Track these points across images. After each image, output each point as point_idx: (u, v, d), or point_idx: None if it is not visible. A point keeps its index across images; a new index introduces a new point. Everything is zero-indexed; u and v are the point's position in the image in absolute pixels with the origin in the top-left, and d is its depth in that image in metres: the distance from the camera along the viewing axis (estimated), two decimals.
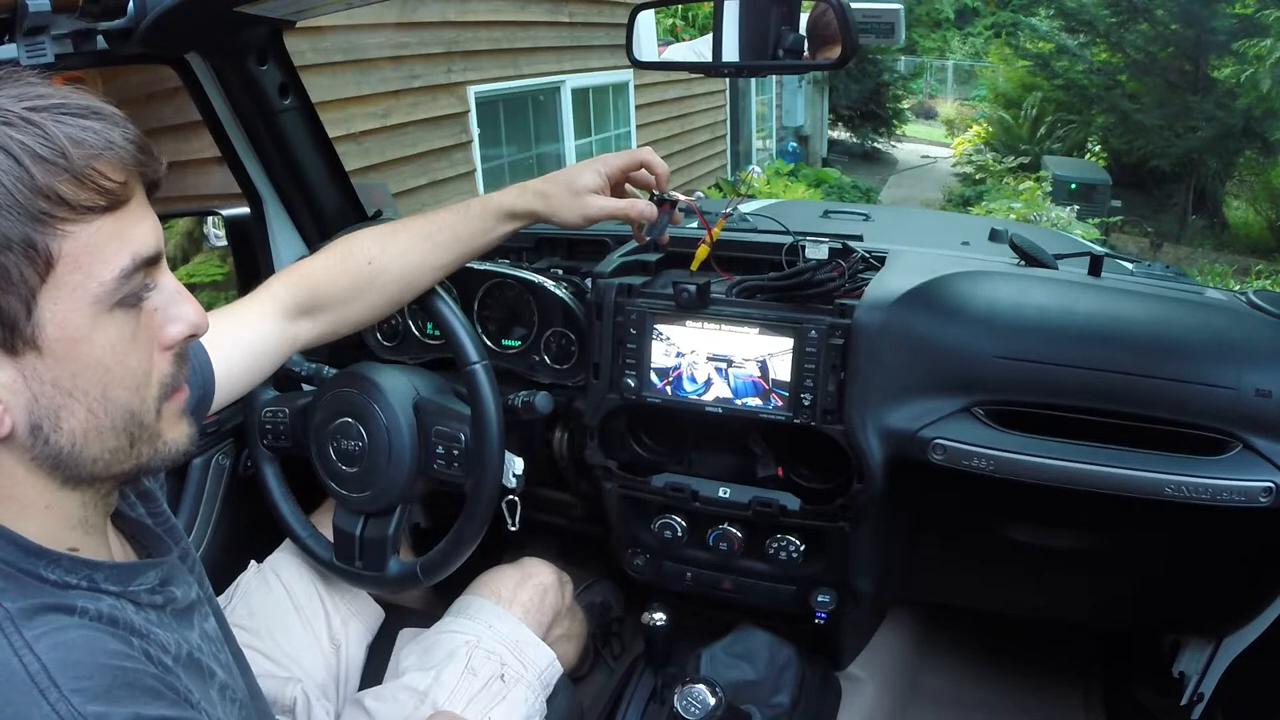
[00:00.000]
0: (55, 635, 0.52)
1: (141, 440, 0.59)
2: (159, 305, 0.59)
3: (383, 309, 1.04)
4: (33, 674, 0.49)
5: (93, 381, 0.55)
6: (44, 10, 0.86)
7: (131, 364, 0.57)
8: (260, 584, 1.18)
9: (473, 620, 1.13)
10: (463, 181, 4.78)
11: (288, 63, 1.25)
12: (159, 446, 0.60)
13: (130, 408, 0.57)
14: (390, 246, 1.02)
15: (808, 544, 1.15)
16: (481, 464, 1.06)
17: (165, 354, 0.60)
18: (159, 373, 0.59)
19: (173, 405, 0.61)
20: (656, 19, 1.17)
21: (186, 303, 0.60)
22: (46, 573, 0.55)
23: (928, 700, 1.53)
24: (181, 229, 2.07)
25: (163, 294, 0.59)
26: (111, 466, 0.58)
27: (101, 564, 0.59)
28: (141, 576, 0.62)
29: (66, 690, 0.49)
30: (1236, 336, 1.03)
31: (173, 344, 0.60)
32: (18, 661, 0.50)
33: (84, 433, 0.55)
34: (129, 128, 0.56)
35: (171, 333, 0.59)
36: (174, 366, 0.60)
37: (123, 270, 0.54)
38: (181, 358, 0.61)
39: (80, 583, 0.57)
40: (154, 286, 0.58)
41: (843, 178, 10.35)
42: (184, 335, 0.60)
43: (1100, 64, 11.52)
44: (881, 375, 1.04)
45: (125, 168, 0.55)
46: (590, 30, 5.98)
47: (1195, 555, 1.18)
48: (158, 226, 0.58)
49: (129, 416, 0.57)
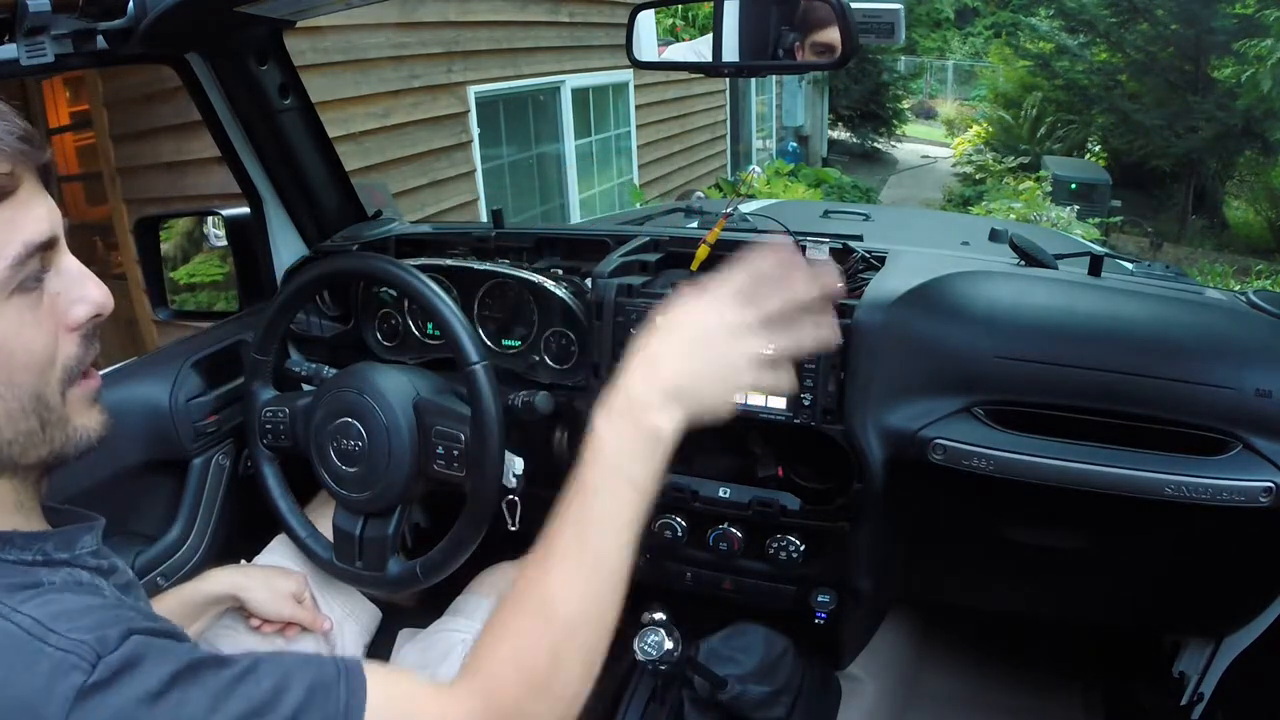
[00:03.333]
0: (36, 599, 0.54)
1: (50, 424, 0.60)
2: (61, 289, 0.60)
3: None
4: (27, 629, 0.51)
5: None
6: (44, 10, 0.86)
7: (35, 347, 0.58)
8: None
9: (470, 619, 1.14)
10: (463, 181, 4.77)
11: (288, 63, 1.25)
12: (69, 432, 0.62)
13: (35, 390, 0.58)
14: None
15: (808, 544, 1.15)
16: (481, 464, 1.06)
17: (71, 335, 0.61)
18: (64, 355, 0.60)
19: (80, 391, 0.62)
20: (656, 19, 1.17)
21: (89, 283, 0.61)
22: (4, 554, 0.57)
23: (928, 700, 1.53)
24: (181, 229, 2.07)
25: (64, 277, 0.60)
26: (28, 450, 0.59)
27: (48, 533, 0.62)
28: (81, 540, 0.64)
29: (63, 631, 0.52)
30: (1236, 336, 1.03)
31: (77, 325, 0.61)
32: (10, 624, 0.51)
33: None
34: (14, 121, 0.57)
35: (76, 314, 0.61)
36: (80, 348, 0.62)
37: (15, 258, 0.56)
38: (88, 339, 0.62)
39: (36, 557, 0.59)
40: (52, 269, 0.59)
41: (843, 178, 10.34)
42: (88, 316, 0.61)
43: (1100, 64, 11.53)
44: (881, 375, 1.04)
45: (9, 158, 0.56)
46: (590, 30, 5.98)
47: (1195, 555, 1.18)
48: (53, 211, 0.59)
49: (35, 399, 0.58)
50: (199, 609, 1.04)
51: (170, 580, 1.19)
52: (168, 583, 1.19)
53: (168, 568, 1.20)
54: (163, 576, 1.19)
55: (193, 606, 1.03)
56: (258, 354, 1.21)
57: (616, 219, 2.26)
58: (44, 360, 0.59)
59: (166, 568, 1.20)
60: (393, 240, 1.40)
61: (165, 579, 1.19)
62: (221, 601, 1.06)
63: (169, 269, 1.62)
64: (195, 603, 1.04)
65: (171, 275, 1.70)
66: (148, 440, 1.19)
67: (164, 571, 1.20)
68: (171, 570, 1.21)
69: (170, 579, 1.20)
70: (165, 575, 1.20)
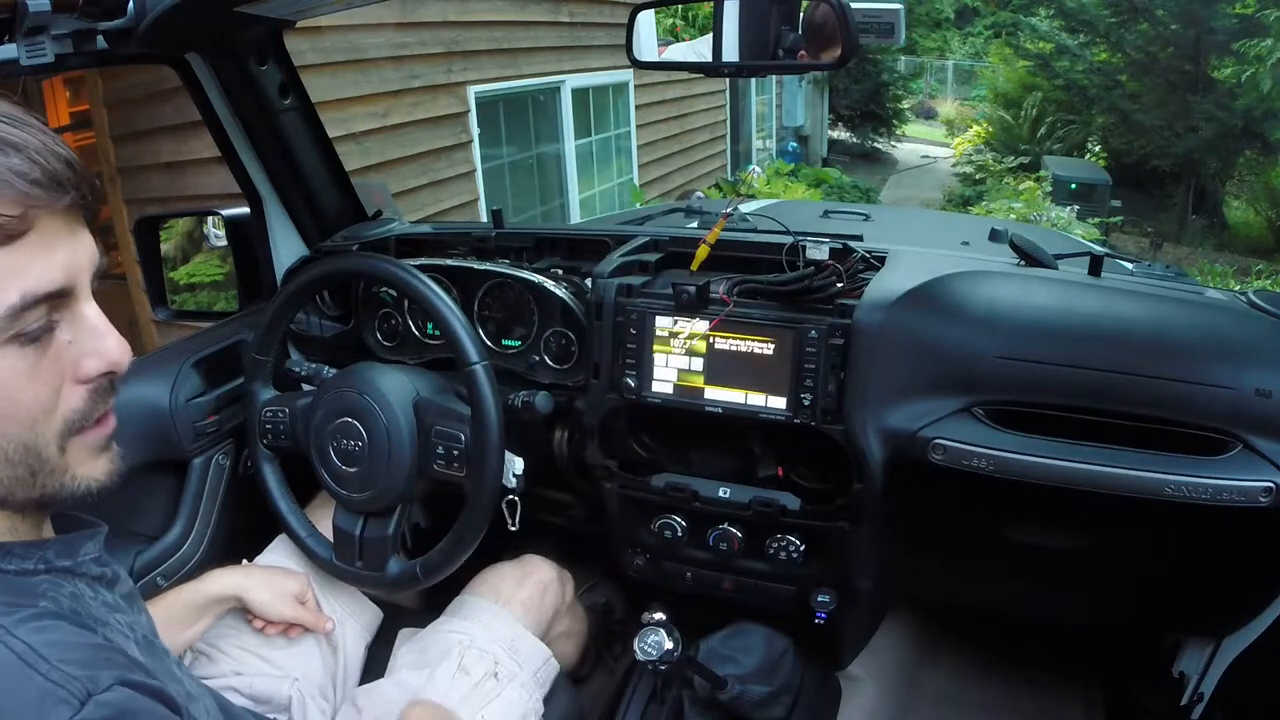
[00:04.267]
0: (31, 623, 0.53)
1: (43, 473, 0.57)
2: (74, 338, 0.56)
3: None
4: (19, 654, 0.50)
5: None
6: (44, 10, 0.86)
7: (24, 399, 0.54)
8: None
9: (468, 620, 1.14)
10: (463, 181, 4.77)
11: (288, 63, 1.25)
12: (65, 481, 0.58)
13: (24, 441, 0.55)
14: None
15: (808, 544, 1.15)
16: (481, 464, 1.06)
17: (77, 388, 0.57)
18: (65, 407, 0.57)
19: (85, 440, 0.59)
20: (656, 19, 1.17)
21: (107, 336, 0.58)
22: (4, 564, 0.56)
23: (928, 700, 1.53)
24: (181, 229, 2.07)
25: (79, 327, 0.57)
26: (15, 493, 0.56)
27: (48, 541, 0.60)
28: (83, 547, 0.62)
29: (55, 661, 0.51)
30: (1236, 336, 1.03)
31: (87, 379, 0.57)
32: (3, 647, 0.50)
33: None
34: (37, 161, 0.52)
35: (87, 368, 0.57)
36: (86, 402, 0.58)
37: (10, 308, 0.52)
38: (99, 392, 0.59)
39: (39, 567, 0.57)
40: (65, 320, 0.56)
41: (843, 178, 10.34)
42: (99, 371, 0.58)
43: (1100, 64, 11.53)
44: (881, 375, 1.04)
45: (17, 201, 0.52)
46: (590, 30, 5.98)
47: (1195, 555, 1.18)
48: (74, 259, 0.56)
49: (23, 449, 0.55)
50: (201, 610, 1.04)
51: (170, 580, 1.19)
52: (167, 583, 1.19)
53: (168, 568, 1.20)
54: (163, 577, 1.19)
55: (194, 608, 1.03)
56: (258, 354, 1.21)
57: (616, 219, 2.26)
58: (36, 412, 0.55)
59: (166, 568, 1.20)
60: (393, 240, 1.41)
61: (165, 579, 1.19)
62: (223, 602, 1.06)
63: (169, 269, 1.62)
64: (197, 604, 1.03)
65: (171, 275, 1.70)
66: (148, 440, 1.19)
67: (164, 572, 1.20)
68: (171, 570, 1.21)
69: (170, 579, 1.20)
70: (165, 575, 1.20)
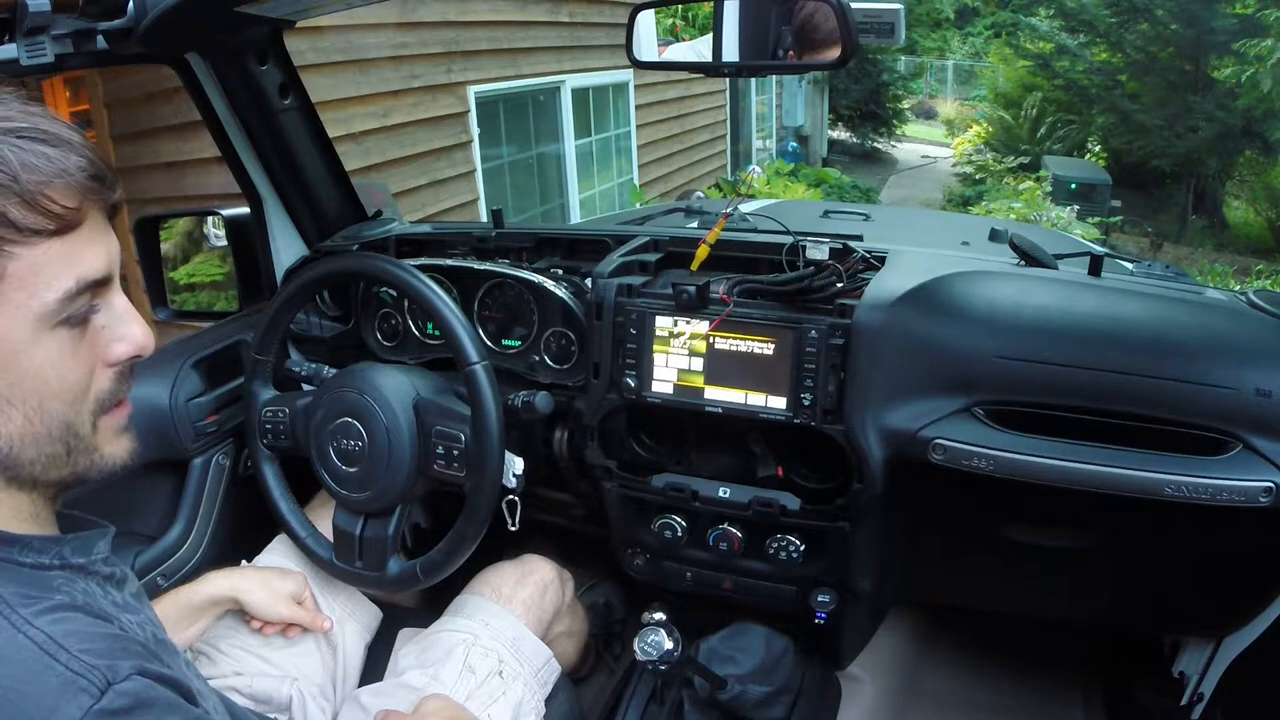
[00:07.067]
0: (50, 614, 0.55)
1: (78, 450, 0.61)
2: (106, 323, 0.61)
3: None
4: (40, 643, 0.53)
5: (30, 392, 0.57)
6: (44, 10, 0.86)
7: (70, 379, 0.59)
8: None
9: (470, 619, 1.14)
10: (463, 181, 4.77)
11: (288, 63, 1.25)
12: (95, 459, 0.63)
13: (65, 419, 0.60)
14: None
15: (808, 544, 1.15)
16: (481, 464, 1.06)
17: (107, 370, 0.62)
18: (97, 388, 0.62)
19: (111, 420, 0.64)
20: (656, 19, 1.17)
21: (134, 323, 0.62)
22: (22, 557, 0.58)
23: (928, 700, 1.53)
24: (181, 229, 2.07)
25: (111, 313, 0.61)
26: (49, 471, 0.60)
27: (64, 538, 0.63)
28: (96, 545, 0.65)
29: (75, 651, 0.53)
30: (1236, 336, 1.03)
31: (116, 362, 0.62)
32: (24, 637, 0.53)
33: (20, 437, 0.58)
34: (87, 156, 0.58)
35: (116, 351, 0.62)
36: (114, 383, 0.63)
37: (66, 292, 0.57)
38: (123, 375, 0.64)
39: (54, 561, 0.60)
40: (102, 306, 0.61)
41: (843, 178, 10.34)
42: (128, 355, 0.63)
43: (1100, 64, 11.54)
44: (881, 375, 1.04)
45: (78, 194, 0.57)
46: (590, 30, 5.97)
47: (1195, 555, 1.18)
48: (111, 250, 0.61)
49: (64, 427, 0.60)
50: (197, 612, 1.04)
51: (170, 580, 1.19)
52: (167, 583, 1.19)
53: (168, 568, 1.20)
54: (163, 577, 1.19)
55: (190, 610, 1.03)
56: (258, 354, 1.21)
57: (616, 219, 2.26)
58: (77, 391, 0.60)
59: (166, 568, 1.20)
60: (393, 240, 1.41)
61: (165, 579, 1.19)
62: (221, 604, 1.06)
63: (169, 269, 1.62)
64: (194, 605, 1.04)
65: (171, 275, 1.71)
66: (148, 440, 1.19)
67: (164, 571, 1.20)
68: (171, 570, 1.21)
69: (170, 579, 1.20)
70: (165, 575, 1.20)
